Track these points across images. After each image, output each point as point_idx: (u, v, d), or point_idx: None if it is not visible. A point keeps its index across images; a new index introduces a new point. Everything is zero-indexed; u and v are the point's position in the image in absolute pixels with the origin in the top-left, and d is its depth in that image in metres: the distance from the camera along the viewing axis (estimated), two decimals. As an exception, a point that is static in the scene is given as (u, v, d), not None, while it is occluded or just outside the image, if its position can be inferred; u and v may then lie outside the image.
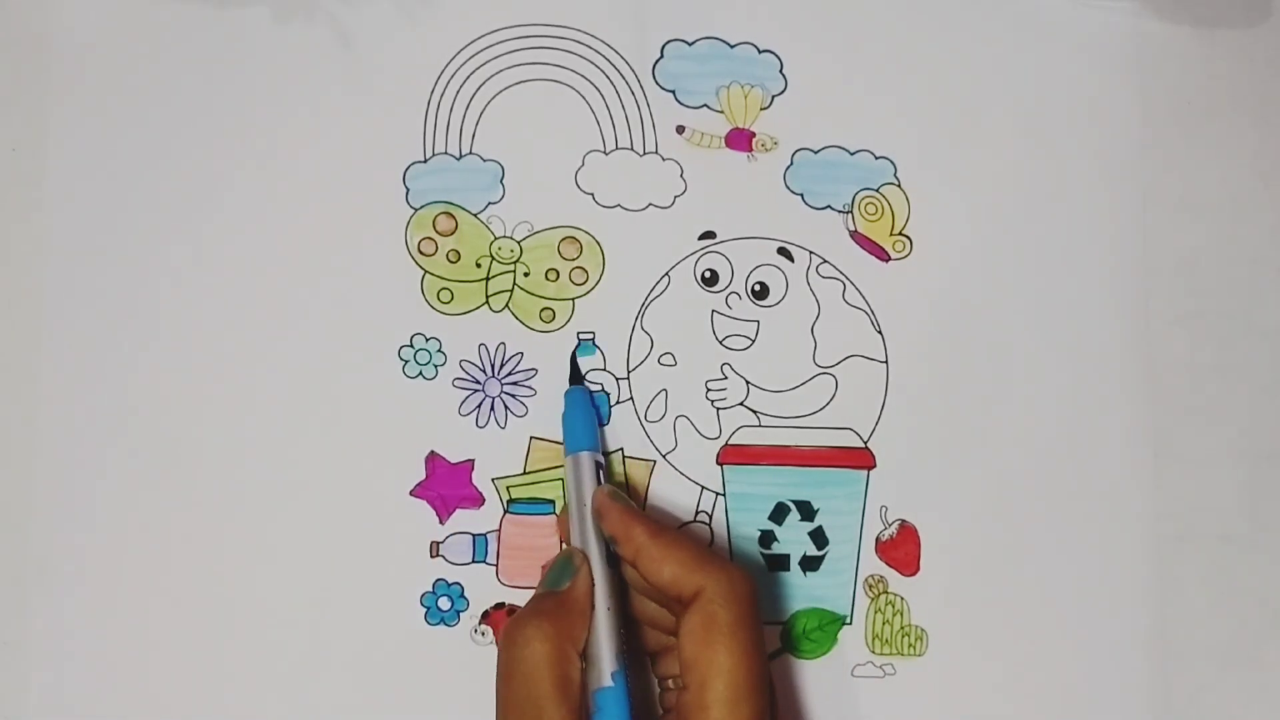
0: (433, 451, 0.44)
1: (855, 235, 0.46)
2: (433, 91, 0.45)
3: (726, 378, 0.45)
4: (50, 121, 0.45)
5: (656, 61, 0.46)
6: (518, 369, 0.45)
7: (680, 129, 0.46)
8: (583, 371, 0.45)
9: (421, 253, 0.45)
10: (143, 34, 0.45)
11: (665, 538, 0.38)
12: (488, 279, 0.45)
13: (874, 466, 0.45)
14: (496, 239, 0.45)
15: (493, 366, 0.45)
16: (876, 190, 0.46)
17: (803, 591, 0.45)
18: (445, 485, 0.44)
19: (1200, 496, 0.46)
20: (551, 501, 0.44)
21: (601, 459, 0.43)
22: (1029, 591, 0.45)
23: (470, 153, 0.45)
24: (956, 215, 0.47)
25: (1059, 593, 0.46)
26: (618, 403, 0.45)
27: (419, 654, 0.44)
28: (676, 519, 0.45)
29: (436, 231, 0.45)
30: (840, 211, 0.46)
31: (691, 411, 0.45)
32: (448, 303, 0.45)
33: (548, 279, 0.45)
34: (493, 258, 0.45)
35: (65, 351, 0.44)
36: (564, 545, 0.44)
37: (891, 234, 0.46)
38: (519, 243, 0.45)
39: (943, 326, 0.46)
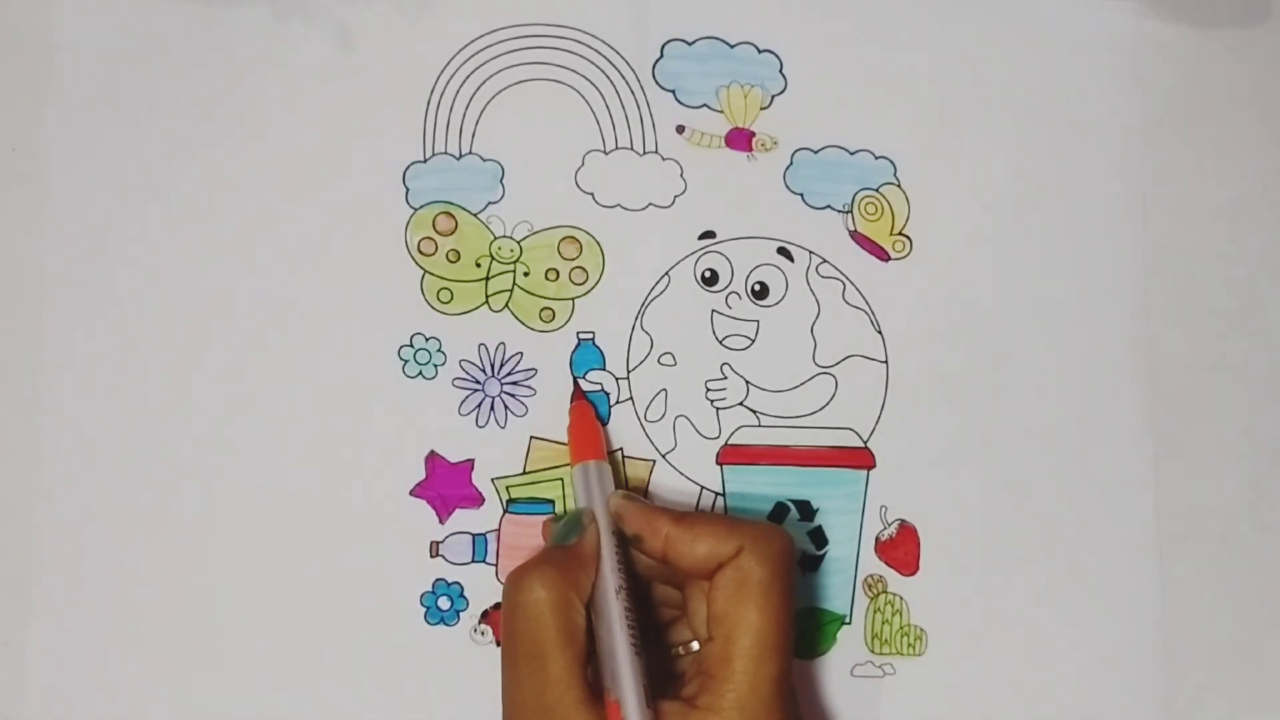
0: (433, 451, 0.44)
1: (855, 235, 0.46)
2: (433, 91, 0.45)
3: (726, 378, 0.45)
4: (50, 121, 0.45)
5: (656, 61, 0.46)
6: (518, 369, 0.45)
7: (680, 129, 0.46)
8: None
9: (421, 252, 0.45)
10: (143, 34, 0.45)
11: (690, 519, 0.39)
12: (488, 279, 0.45)
13: (874, 466, 0.45)
14: (496, 239, 0.45)
15: (493, 366, 0.45)
16: (876, 190, 0.46)
17: (802, 591, 0.45)
18: (445, 485, 0.44)
19: (1200, 496, 0.46)
20: (551, 501, 0.44)
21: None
22: (1029, 591, 0.45)
23: (470, 152, 0.45)
24: (956, 215, 0.47)
25: (1059, 593, 0.46)
26: (618, 403, 0.45)
27: (419, 654, 0.44)
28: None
29: (436, 231, 0.45)
30: (840, 211, 0.46)
31: (691, 411, 0.45)
32: (447, 302, 0.45)
33: (548, 279, 0.45)
34: (492, 257, 0.45)
35: (65, 351, 0.44)
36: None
37: (891, 234, 0.46)
38: (519, 242, 0.45)
39: (943, 326, 0.46)
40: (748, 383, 0.46)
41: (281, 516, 0.44)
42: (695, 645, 0.40)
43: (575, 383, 0.45)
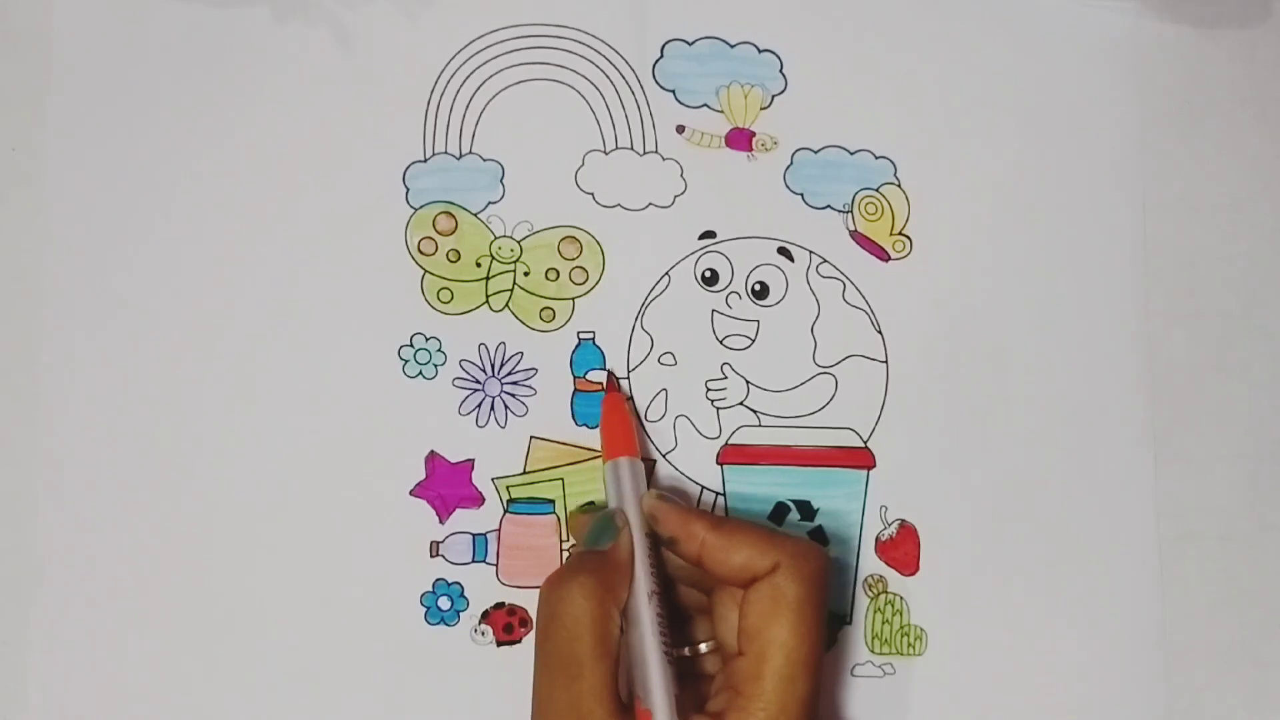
0: (433, 451, 0.44)
1: (855, 235, 0.46)
2: (433, 91, 0.45)
3: (726, 377, 0.45)
4: (50, 121, 0.45)
5: (656, 61, 0.46)
6: (518, 369, 0.45)
7: (680, 129, 0.46)
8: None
9: (421, 252, 0.45)
10: (143, 34, 0.45)
11: (727, 527, 0.39)
12: (488, 279, 0.45)
13: (874, 466, 0.45)
14: (496, 238, 0.45)
15: (493, 366, 0.45)
16: (876, 190, 0.46)
17: (803, 591, 0.45)
18: (445, 485, 0.44)
19: (1200, 496, 0.46)
20: (551, 501, 0.44)
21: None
22: (1028, 591, 0.45)
23: (470, 152, 0.45)
24: (956, 215, 0.47)
25: (1059, 593, 0.46)
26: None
27: (419, 654, 0.44)
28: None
29: (436, 231, 0.45)
30: (840, 211, 0.46)
31: (691, 411, 0.45)
32: (448, 302, 0.45)
33: (548, 279, 0.45)
34: (493, 257, 0.45)
35: (65, 352, 0.44)
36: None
37: (891, 234, 0.46)
38: (519, 242, 0.45)
39: (943, 326, 0.46)
40: (748, 383, 0.46)
41: (282, 516, 0.44)
42: (703, 647, 0.40)
43: (610, 374, 0.45)
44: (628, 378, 0.45)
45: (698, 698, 0.39)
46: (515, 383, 0.45)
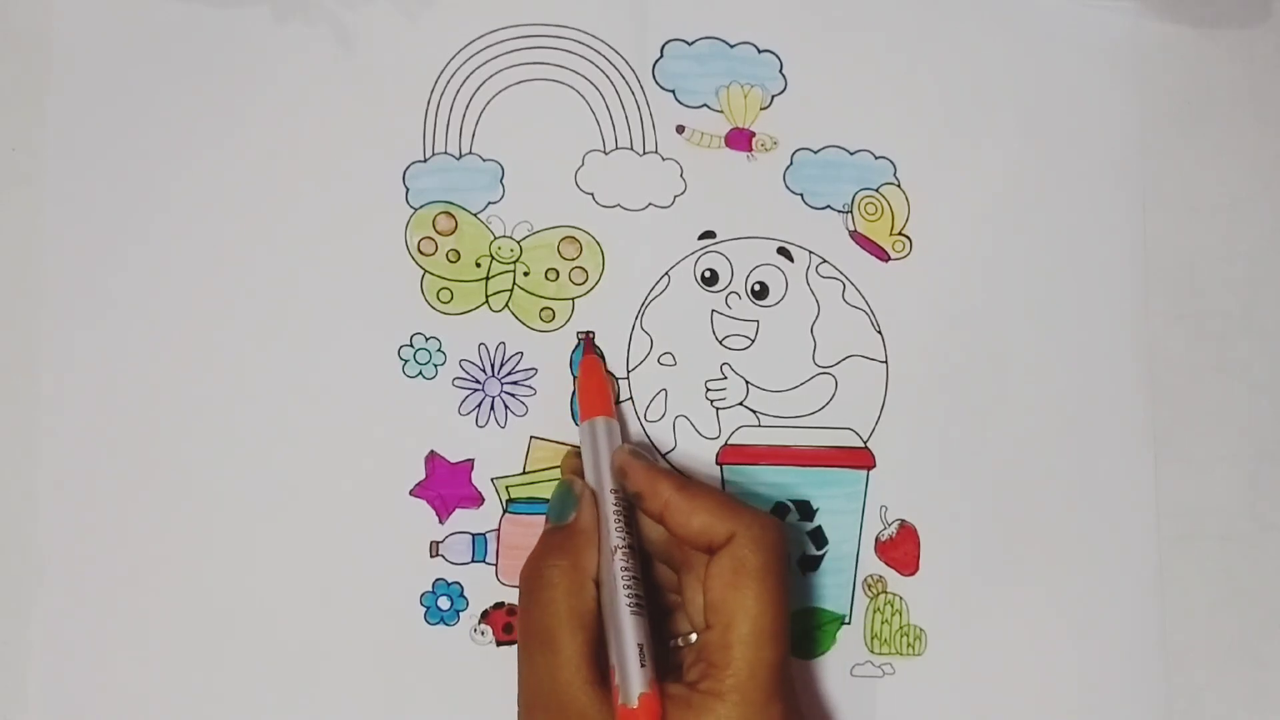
0: (432, 451, 0.44)
1: (855, 235, 0.46)
2: (433, 91, 0.45)
3: (726, 378, 0.45)
4: (50, 121, 0.45)
5: (656, 61, 0.46)
6: (518, 369, 0.45)
7: (680, 129, 0.46)
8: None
9: (421, 252, 0.45)
10: (143, 34, 0.45)
11: (692, 489, 0.39)
12: (488, 279, 0.45)
13: (874, 466, 0.46)
14: (496, 239, 0.45)
15: (493, 366, 0.45)
16: (876, 190, 0.46)
17: (802, 591, 0.45)
18: (445, 485, 0.44)
19: (1200, 496, 0.46)
20: (551, 501, 0.44)
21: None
22: (1028, 591, 0.45)
23: (470, 152, 0.45)
24: (956, 215, 0.47)
25: (1058, 593, 0.46)
26: (618, 402, 0.45)
27: (419, 654, 0.44)
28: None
29: (436, 231, 0.45)
30: (840, 211, 0.46)
31: (691, 411, 0.45)
32: (447, 302, 0.45)
33: (548, 279, 0.45)
34: (493, 257, 0.45)
35: (65, 352, 0.44)
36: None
37: (891, 234, 0.46)
38: (519, 242, 0.45)
39: (942, 326, 0.46)
40: (748, 383, 0.46)
41: (282, 516, 0.44)
42: (694, 637, 0.40)
43: (586, 337, 0.45)
44: (627, 378, 0.45)
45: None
46: (515, 383, 0.45)
